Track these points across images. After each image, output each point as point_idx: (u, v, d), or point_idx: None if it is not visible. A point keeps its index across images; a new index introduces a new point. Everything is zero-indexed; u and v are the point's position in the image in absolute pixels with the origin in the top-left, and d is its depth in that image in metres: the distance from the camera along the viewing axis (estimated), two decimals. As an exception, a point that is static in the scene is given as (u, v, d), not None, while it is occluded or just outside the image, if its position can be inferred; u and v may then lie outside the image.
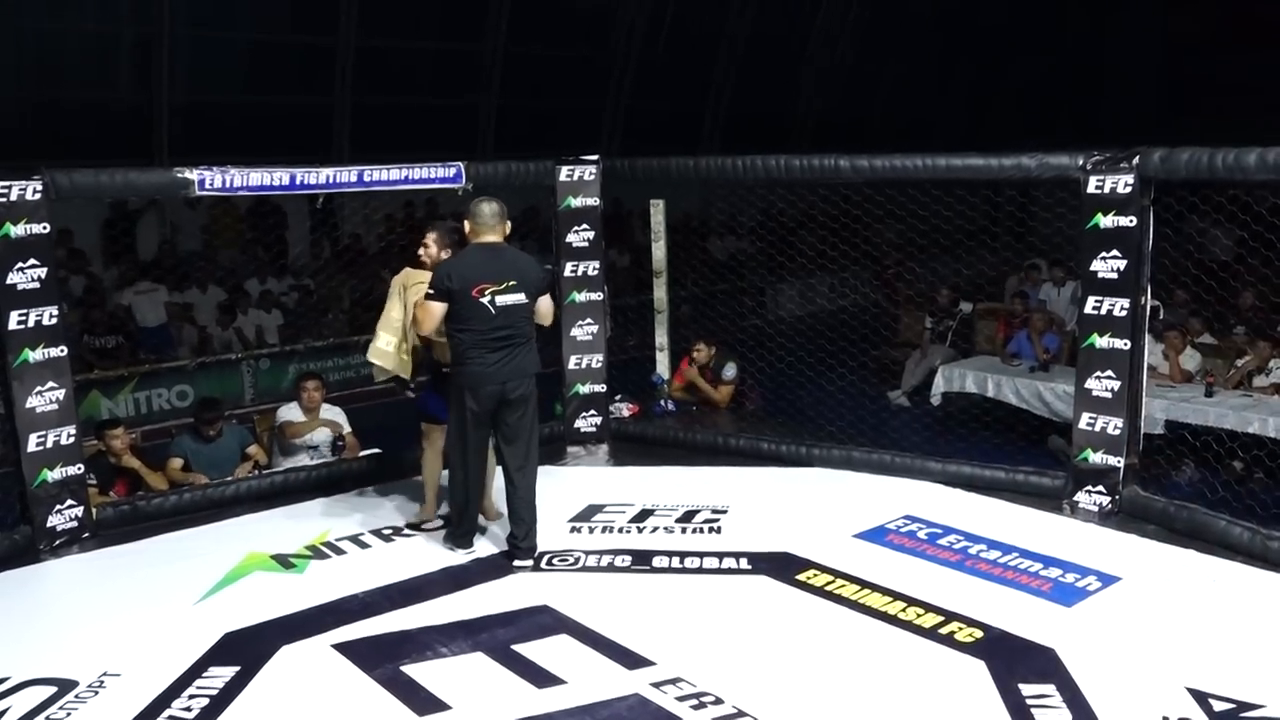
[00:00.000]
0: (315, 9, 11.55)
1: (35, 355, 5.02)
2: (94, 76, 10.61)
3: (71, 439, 5.18)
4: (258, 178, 5.63)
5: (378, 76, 12.06)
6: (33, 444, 5.05)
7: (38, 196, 4.99)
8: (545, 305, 4.91)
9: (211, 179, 5.48)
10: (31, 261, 4.99)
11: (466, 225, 4.79)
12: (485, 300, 4.59)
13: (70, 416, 5.18)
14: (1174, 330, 7.97)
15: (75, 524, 5.19)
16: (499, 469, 5.05)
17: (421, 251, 5.04)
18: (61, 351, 5.13)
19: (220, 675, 3.88)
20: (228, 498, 5.70)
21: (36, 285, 5.00)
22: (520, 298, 4.67)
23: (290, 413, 6.55)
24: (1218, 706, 3.53)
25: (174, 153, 10.58)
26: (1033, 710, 3.55)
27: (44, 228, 5.04)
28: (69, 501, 5.17)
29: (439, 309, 4.64)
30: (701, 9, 14.36)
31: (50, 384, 5.07)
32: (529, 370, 4.77)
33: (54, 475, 5.12)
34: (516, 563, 4.76)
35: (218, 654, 4.05)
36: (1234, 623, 4.15)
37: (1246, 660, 3.83)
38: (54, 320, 5.08)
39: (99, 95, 10.65)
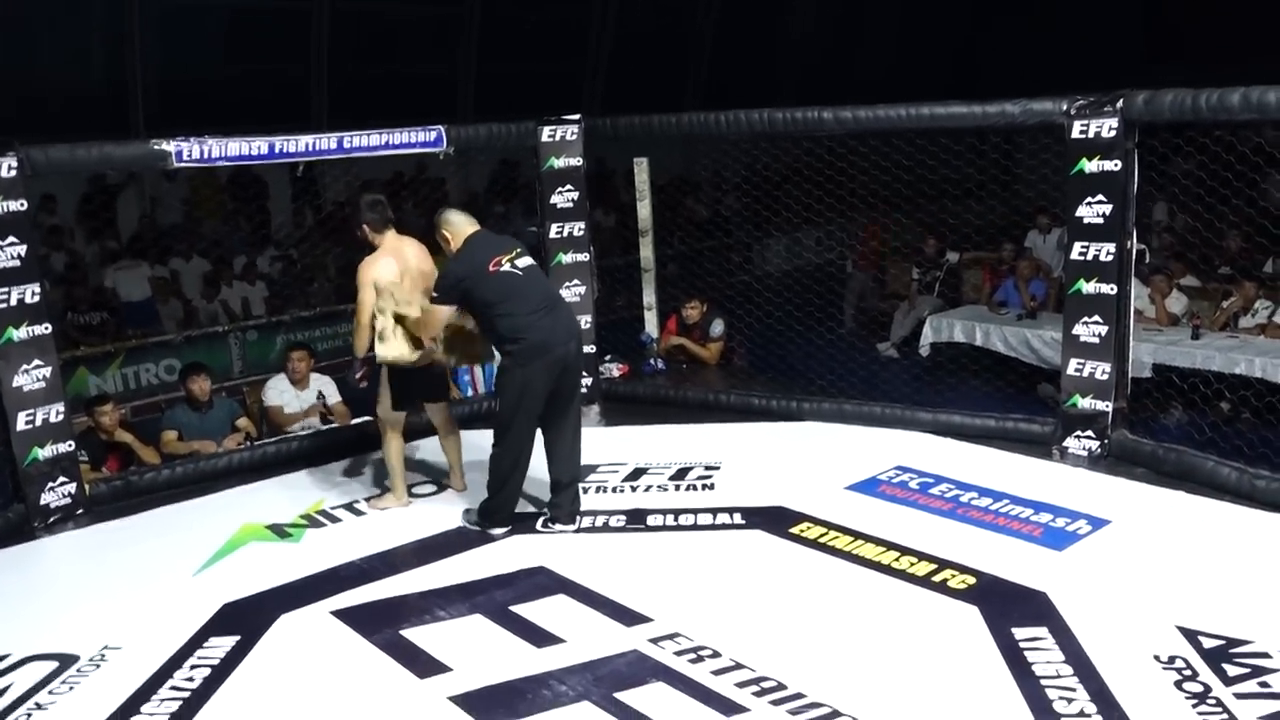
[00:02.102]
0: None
1: (19, 334, 5.00)
2: (67, 53, 10.43)
3: (60, 416, 5.17)
4: (236, 147, 5.58)
5: (355, 43, 11.88)
6: (22, 423, 5.05)
7: (13, 174, 4.95)
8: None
9: (189, 150, 5.42)
10: (10, 239, 4.95)
11: (449, 236, 4.71)
12: (506, 268, 4.59)
13: (58, 394, 5.17)
14: (1160, 274, 7.99)
15: (69, 501, 5.20)
16: (455, 441, 5.21)
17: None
18: (46, 329, 5.11)
19: (221, 645, 3.91)
20: (220, 470, 5.71)
21: (17, 263, 4.97)
22: (531, 261, 4.71)
23: (276, 392, 6.49)
24: (1207, 644, 3.58)
25: (150, 127, 10.42)
26: (1025, 653, 3.60)
27: (21, 205, 5.00)
28: (61, 478, 5.17)
29: (445, 312, 4.66)
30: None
31: (36, 362, 5.06)
32: (575, 329, 4.76)
33: (45, 453, 5.11)
34: (558, 526, 4.77)
35: (217, 624, 4.07)
36: (1222, 561, 4.20)
37: (1235, 598, 3.88)
38: (36, 298, 5.05)
39: (73, 72, 10.47)
